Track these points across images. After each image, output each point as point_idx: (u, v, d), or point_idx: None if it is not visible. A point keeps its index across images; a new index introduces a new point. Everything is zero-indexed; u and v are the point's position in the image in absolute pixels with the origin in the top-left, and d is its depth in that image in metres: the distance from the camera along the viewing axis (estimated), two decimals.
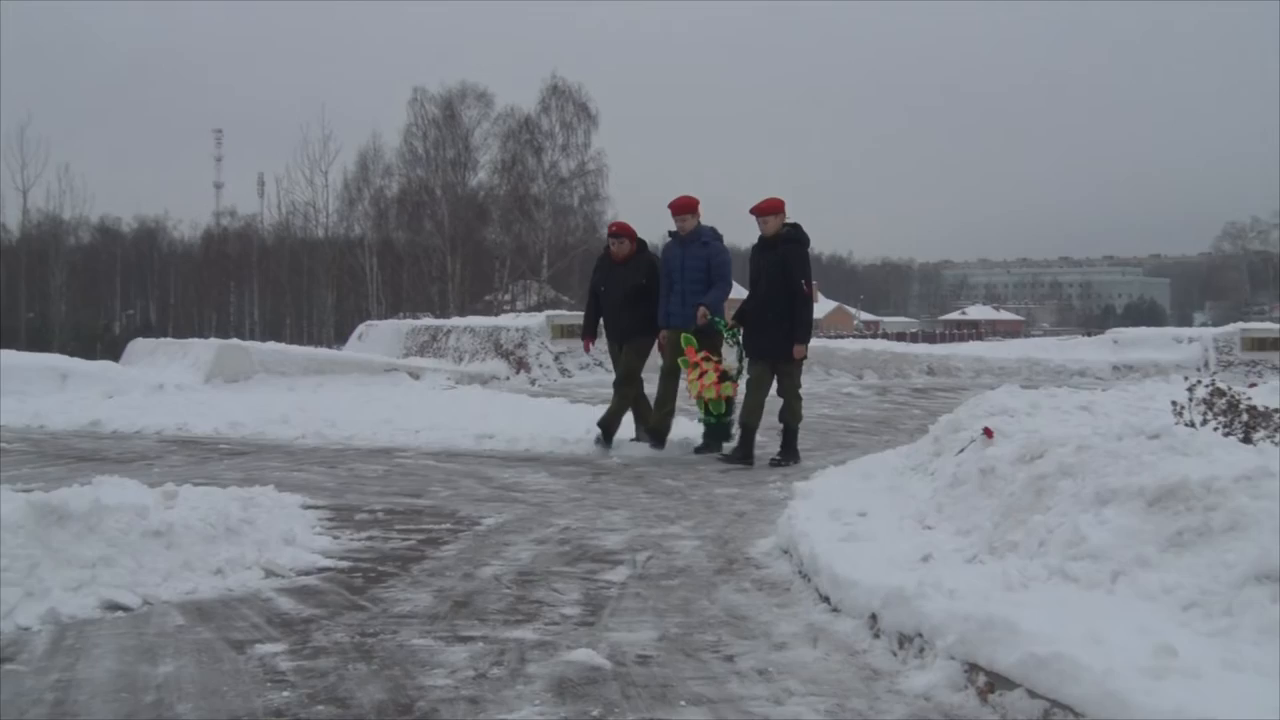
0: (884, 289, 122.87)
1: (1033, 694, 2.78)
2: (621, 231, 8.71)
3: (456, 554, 5.00)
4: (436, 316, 25.88)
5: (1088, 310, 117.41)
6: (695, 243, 8.27)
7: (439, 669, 3.40)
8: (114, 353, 20.15)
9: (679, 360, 8.12)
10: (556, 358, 15.90)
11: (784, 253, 7.79)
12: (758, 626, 3.92)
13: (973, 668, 3.06)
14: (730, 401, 8.18)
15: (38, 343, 34.46)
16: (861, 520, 4.94)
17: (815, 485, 5.93)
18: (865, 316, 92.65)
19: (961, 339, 47.79)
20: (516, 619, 3.96)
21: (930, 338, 54.94)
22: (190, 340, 16.77)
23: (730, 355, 8.27)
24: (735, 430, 8.19)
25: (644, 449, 8.43)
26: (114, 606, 3.99)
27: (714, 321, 8.10)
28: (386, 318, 29.56)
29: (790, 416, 8.01)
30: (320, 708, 3.07)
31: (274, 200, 66.03)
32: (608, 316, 8.63)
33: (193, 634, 3.75)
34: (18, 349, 18.09)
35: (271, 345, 16.06)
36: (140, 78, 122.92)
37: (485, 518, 5.84)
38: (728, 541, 5.38)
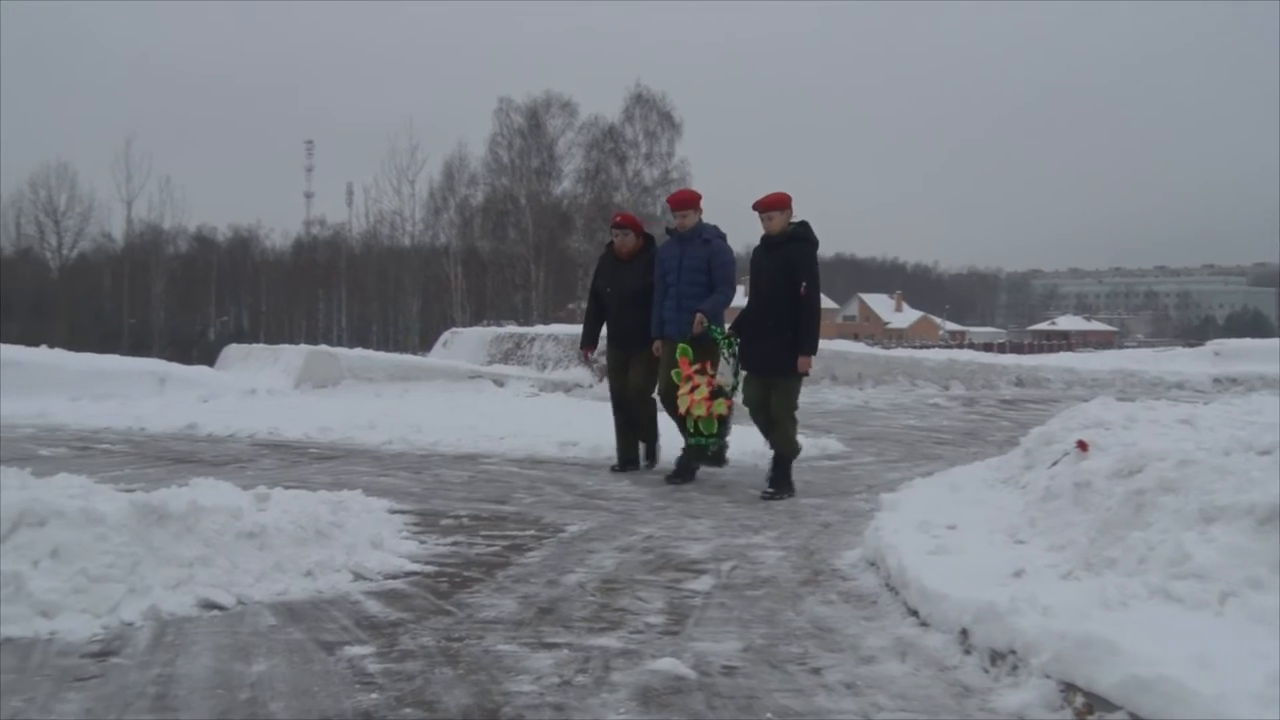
0: (970, 299, 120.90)
1: (1136, 718, 2.68)
2: (626, 223, 7.80)
3: (541, 560, 5.02)
4: (520, 324, 26.16)
5: (1186, 321, 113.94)
6: (695, 240, 7.36)
7: (524, 675, 3.41)
8: (209, 358, 20.74)
9: (672, 374, 7.22)
10: None
11: (789, 253, 6.88)
12: (845, 639, 3.86)
13: (1069, 688, 2.97)
14: (723, 421, 7.15)
15: (138, 347, 35.76)
16: (950, 533, 4.84)
17: (902, 497, 5.83)
18: (950, 326, 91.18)
19: (1051, 350, 46.69)
20: (601, 627, 3.96)
21: (1018, 348, 53.84)
22: (281, 346, 17.21)
23: (726, 369, 7.33)
24: (729, 455, 7.34)
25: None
26: (210, 605, 4.09)
27: (709, 330, 7.16)
28: (471, 325, 29.97)
29: (782, 442, 6.96)
30: (408, 710, 3.11)
31: (362, 209, 67.51)
32: (612, 321, 7.73)
33: (284, 634, 3.82)
34: (120, 354, 18.77)
35: (359, 352, 16.37)
36: (235, 91, 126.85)
37: (569, 525, 5.86)
38: (813, 552, 5.32)
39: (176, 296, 56.35)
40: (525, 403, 13.09)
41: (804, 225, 7.03)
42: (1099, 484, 4.36)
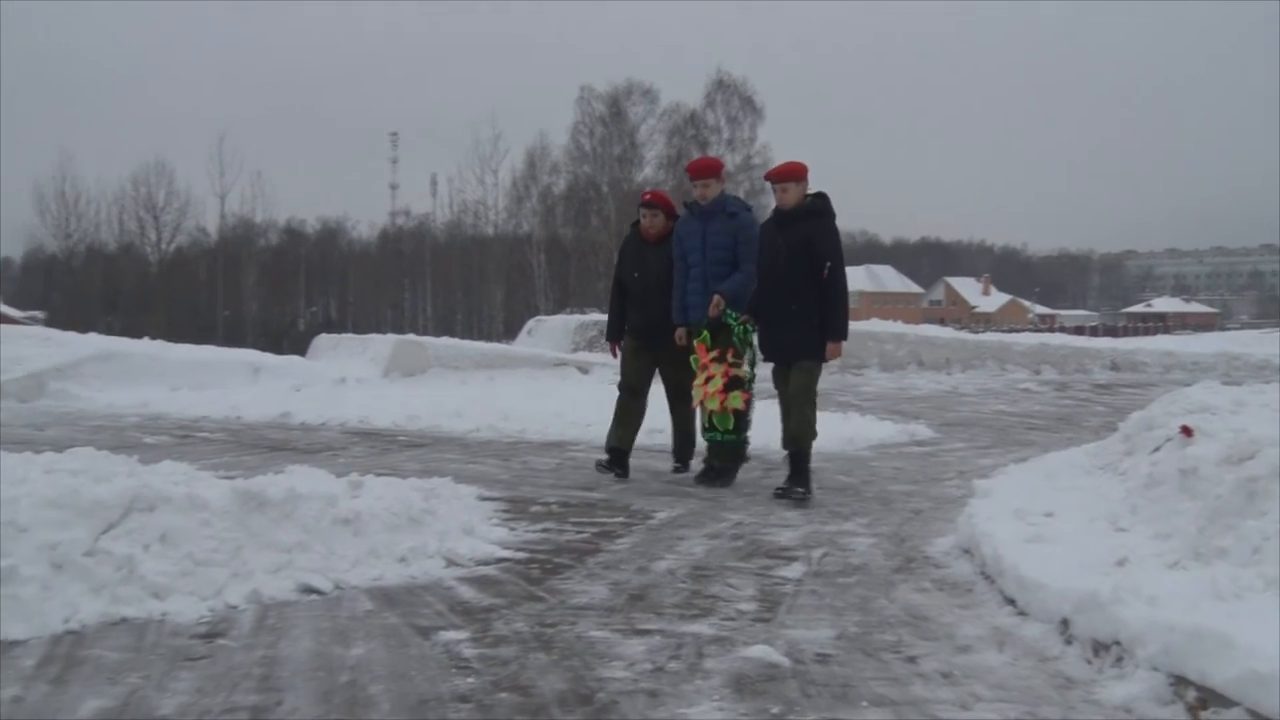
0: (1060, 281, 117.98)
1: (1256, 714, 2.58)
2: (657, 201, 7.00)
3: (630, 547, 5.03)
4: (604, 311, 26.24)
5: None
6: (719, 214, 6.61)
7: (617, 661, 3.42)
8: (299, 347, 21.23)
9: (689, 360, 6.62)
10: None
11: (809, 229, 6.17)
12: (939, 628, 3.80)
13: (1180, 681, 2.88)
14: (740, 416, 6.50)
15: (232, 338, 36.80)
16: (1047, 521, 4.73)
17: (995, 484, 5.72)
18: (1040, 309, 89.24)
19: (1147, 333, 45.34)
20: (692, 614, 3.95)
21: (1111, 331, 52.42)
22: (369, 336, 17.51)
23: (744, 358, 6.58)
24: (750, 452, 6.76)
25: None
26: (309, 590, 4.18)
27: (724, 314, 6.43)
28: (555, 313, 30.17)
29: (799, 428, 6.16)
30: (504, 695, 3.14)
31: (446, 199, 68.55)
32: (635, 310, 6.98)
33: (381, 619, 3.89)
34: (215, 344, 19.34)
35: (445, 340, 16.60)
36: (321, 85, 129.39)
37: (658, 511, 5.86)
38: (904, 539, 5.25)
39: (268, 288, 57.70)
40: (610, 390, 13.08)
41: (822, 197, 6.33)
42: (1207, 471, 4.21)
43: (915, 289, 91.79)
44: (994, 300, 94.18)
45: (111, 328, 32.40)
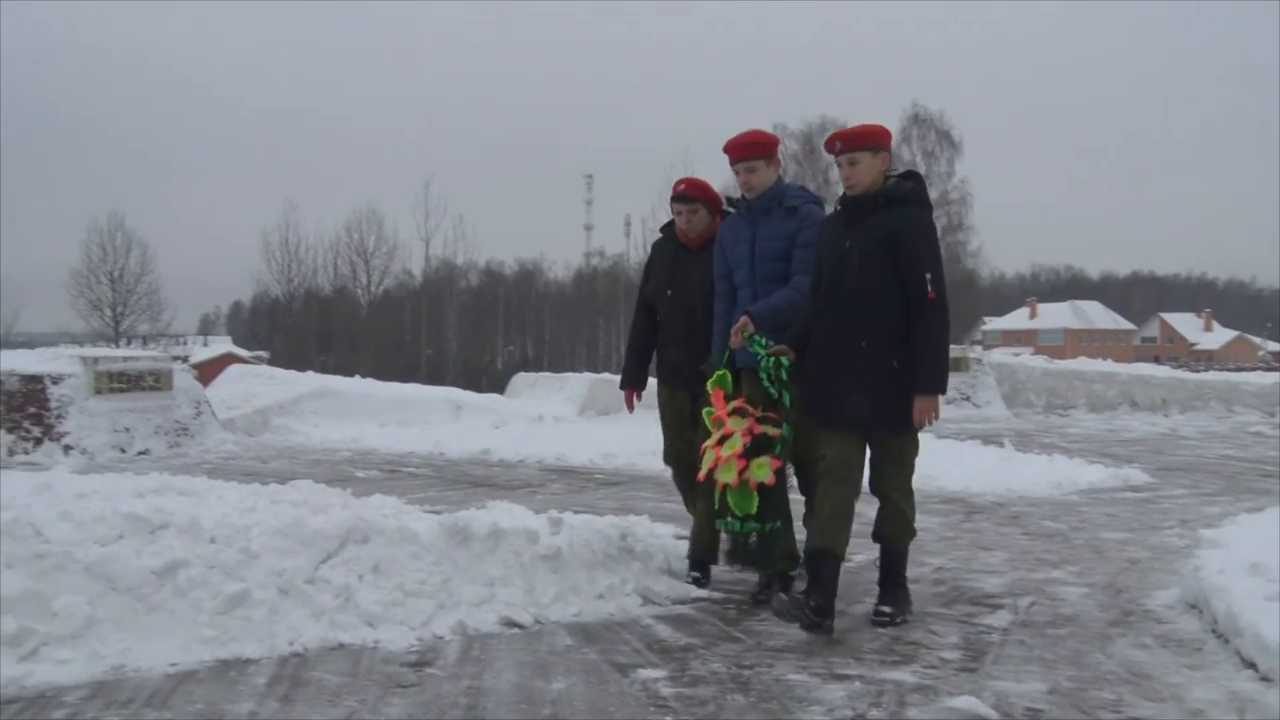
0: None
1: None
2: (694, 193, 4.99)
3: None
4: None
5: None
6: (776, 210, 4.66)
7: (816, 706, 3.36)
8: (496, 385, 22.00)
9: (703, 412, 4.77)
10: None
11: (894, 221, 4.18)
12: (1165, 688, 3.55)
13: None
14: (766, 495, 4.49)
15: (434, 376, 38.46)
16: None
17: (1226, 534, 5.30)
18: (1272, 346, 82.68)
19: None
20: (893, 660, 3.84)
21: None
22: (566, 375, 17.94)
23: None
24: (790, 553, 4.75)
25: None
26: (510, 623, 4.29)
27: (750, 340, 4.51)
28: None
29: (897, 528, 4.41)
30: None
31: (640, 240, 69.74)
32: (670, 345, 5.15)
33: (580, 654, 3.95)
34: (419, 382, 20.27)
35: None
36: (519, 130, 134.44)
37: (855, 554, 5.69)
38: (1120, 591, 4.94)
39: (468, 328, 60.09)
40: None
41: (913, 177, 4.38)
42: None
43: (1126, 325, 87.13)
44: (1217, 337, 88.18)
45: (325, 366, 34.46)
